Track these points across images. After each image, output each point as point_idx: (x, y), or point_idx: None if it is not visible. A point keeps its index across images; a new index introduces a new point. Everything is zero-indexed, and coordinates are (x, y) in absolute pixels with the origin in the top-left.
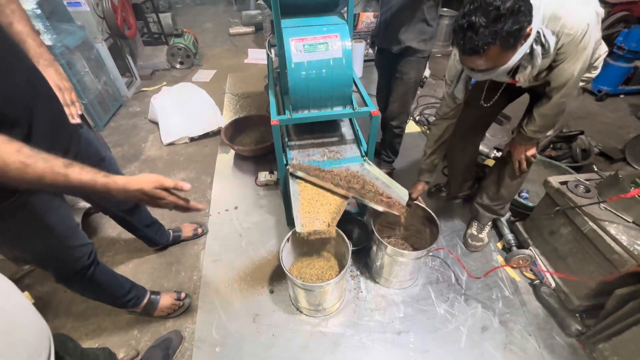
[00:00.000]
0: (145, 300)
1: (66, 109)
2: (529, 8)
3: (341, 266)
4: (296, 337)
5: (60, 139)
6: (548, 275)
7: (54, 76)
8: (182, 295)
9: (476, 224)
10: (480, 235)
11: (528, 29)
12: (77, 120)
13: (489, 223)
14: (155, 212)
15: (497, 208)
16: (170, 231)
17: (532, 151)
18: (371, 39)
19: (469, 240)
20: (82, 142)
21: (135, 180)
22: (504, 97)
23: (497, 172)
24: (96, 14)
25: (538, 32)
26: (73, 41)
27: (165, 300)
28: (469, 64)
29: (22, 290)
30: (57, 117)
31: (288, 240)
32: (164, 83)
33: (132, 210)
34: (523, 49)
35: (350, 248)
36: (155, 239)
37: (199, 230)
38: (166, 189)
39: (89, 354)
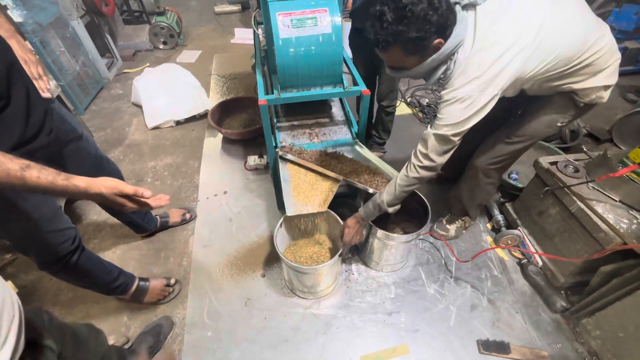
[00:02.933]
0: (134, 287)
1: (35, 83)
2: (443, 21)
3: (335, 249)
4: (288, 319)
5: (36, 113)
6: (536, 255)
7: (17, 48)
8: (172, 281)
9: (449, 214)
10: (447, 226)
11: (435, 42)
12: (48, 95)
13: (462, 219)
14: None
15: (468, 206)
16: (158, 217)
17: None
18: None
19: (434, 226)
20: (55, 117)
21: (95, 184)
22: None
23: (469, 175)
24: None
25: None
26: (46, 18)
27: (155, 287)
28: (379, 54)
29: (5, 279)
30: (30, 90)
31: (281, 225)
32: (147, 64)
33: None
34: (435, 60)
35: None
36: (142, 225)
37: (188, 216)
38: (126, 195)
39: (70, 328)
